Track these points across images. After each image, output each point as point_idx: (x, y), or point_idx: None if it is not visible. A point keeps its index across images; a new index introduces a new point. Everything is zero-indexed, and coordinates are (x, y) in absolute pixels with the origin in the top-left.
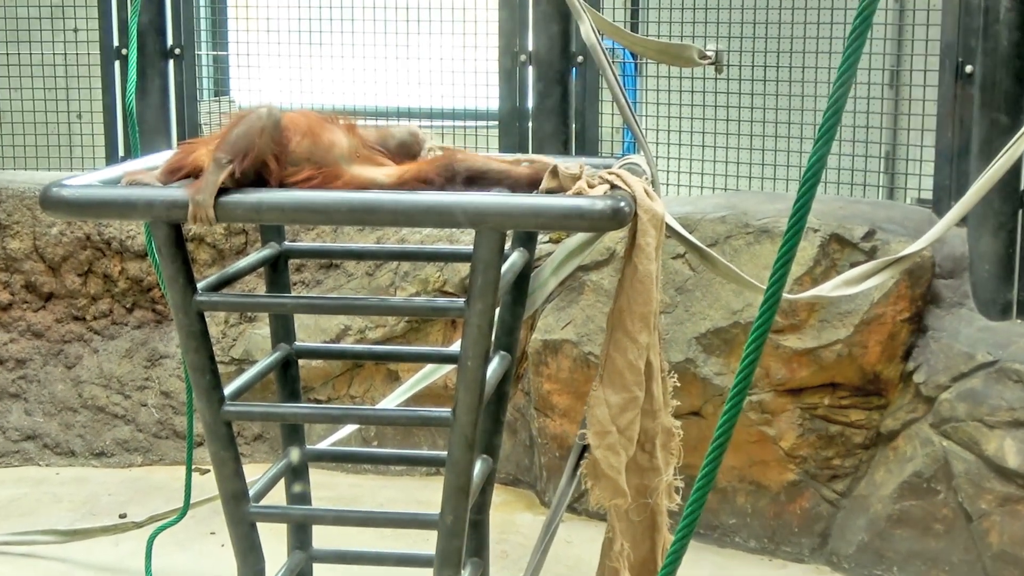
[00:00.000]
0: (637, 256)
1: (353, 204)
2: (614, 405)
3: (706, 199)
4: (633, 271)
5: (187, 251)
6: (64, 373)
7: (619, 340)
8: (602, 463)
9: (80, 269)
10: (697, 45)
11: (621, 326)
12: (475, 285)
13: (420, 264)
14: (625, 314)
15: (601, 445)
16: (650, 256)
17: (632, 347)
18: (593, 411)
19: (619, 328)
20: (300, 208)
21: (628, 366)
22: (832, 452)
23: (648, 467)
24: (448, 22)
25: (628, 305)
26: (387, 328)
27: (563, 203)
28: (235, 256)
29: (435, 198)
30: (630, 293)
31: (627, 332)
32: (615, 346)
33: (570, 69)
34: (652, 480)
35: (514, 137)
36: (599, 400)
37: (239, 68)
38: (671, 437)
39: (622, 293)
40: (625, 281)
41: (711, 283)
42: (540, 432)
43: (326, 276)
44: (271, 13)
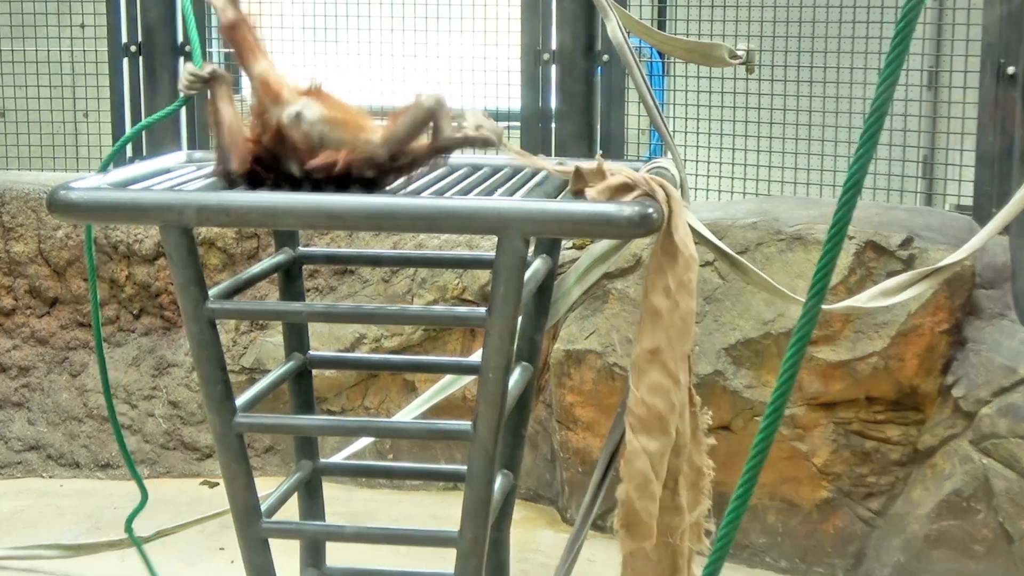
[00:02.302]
0: (679, 293)
1: (371, 209)
2: (654, 453)
3: (736, 204)
4: (673, 306)
5: (199, 257)
6: (69, 381)
7: (658, 384)
8: (642, 514)
9: (86, 274)
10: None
11: (661, 368)
12: (496, 293)
13: (438, 270)
14: (666, 354)
15: (643, 496)
16: (692, 292)
17: (674, 389)
18: (633, 465)
19: (657, 370)
20: (317, 213)
21: (670, 409)
22: (867, 469)
23: (670, 505)
24: (468, 19)
25: (669, 344)
26: (404, 337)
27: (589, 209)
28: (247, 261)
29: (456, 203)
30: (671, 332)
31: (669, 373)
32: (653, 391)
33: (595, 68)
34: (673, 519)
35: (536, 138)
36: (637, 452)
37: None
38: (701, 476)
39: (658, 330)
40: (664, 319)
41: (741, 292)
42: (562, 446)
43: (340, 282)
44: (284, 9)
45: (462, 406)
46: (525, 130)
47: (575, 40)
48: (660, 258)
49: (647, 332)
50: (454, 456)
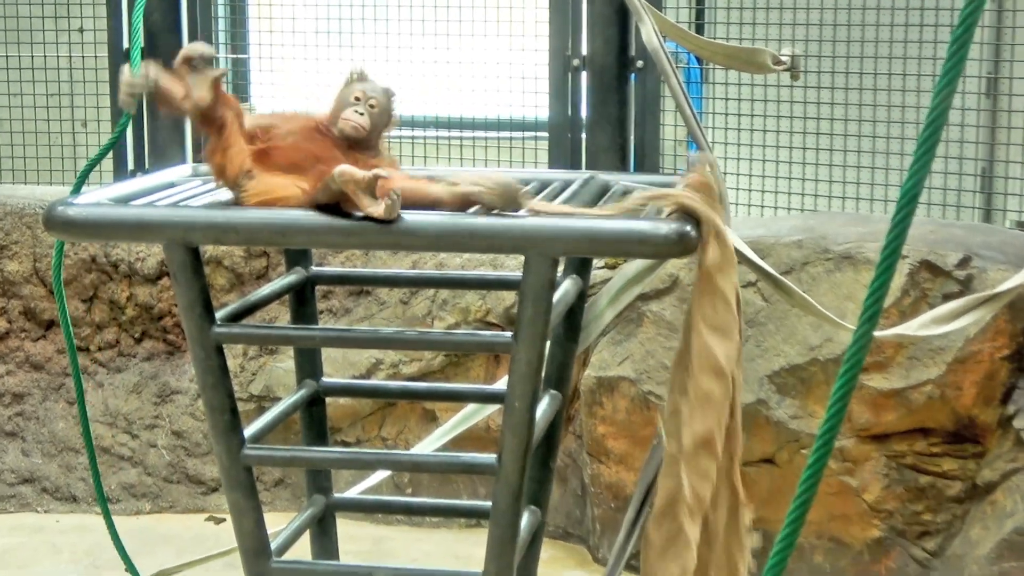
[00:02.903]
0: (736, 366)
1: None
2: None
3: (780, 221)
4: (725, 391)
5: (205, 277)
6: (66, 409)
7: (706, 469)
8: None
9: (84, 294)
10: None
11: (709, 453)
12: (523, 316)
13: (460, 291)
14: (716, 440)
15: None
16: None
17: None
18: (682, 556)
19: (706, 456)
20: (330, 231)
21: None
22: (922, 506)
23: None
24: (492, 22)
25: (720, 428)
26: (423, 363)
27: (621, 227)
28: (255, 281)
29: (479, 220)
30: (722, 416)
31: (715, 457)
32: (703, 477)
33: (628, 75)
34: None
35: (565, 150)
36: (688, 543)
37: (260, 72)
38: (737, 516)
39: (709, 415)
40: (716, 402)
41: (786, 315)
42: (593, 480)
43: (356, 304)
44: (296, 12)
45: (486, 437)
46: (553, 142)
47: (607, 45)
48: (707, 315)
49: (698, 418)
50: (477, 491)
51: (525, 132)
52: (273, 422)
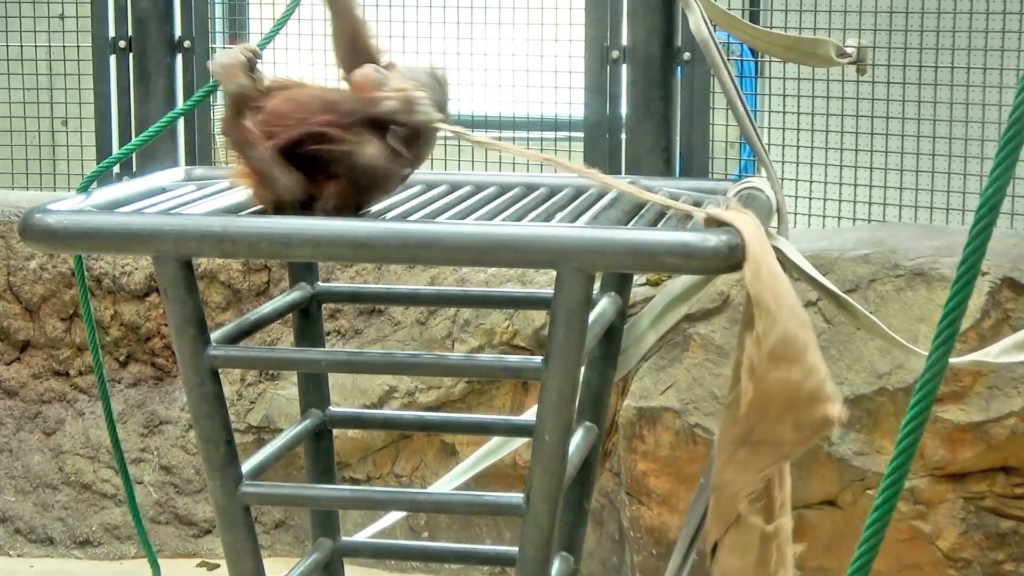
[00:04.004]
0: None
1: (405, 237)
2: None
3: (845, 232)
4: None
5: (199, 294)
6: (42, 441)
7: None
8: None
9: (64, 312)
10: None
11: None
12: (555, 339)
13: (484, 311)
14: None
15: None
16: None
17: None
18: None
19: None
20: (339, 242)
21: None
22: (1003, 554)
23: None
24: (521, 9)
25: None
26: (442, 390)
27: (666, 239)
28: (255, 298)
29: (506, 230)
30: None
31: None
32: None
33: (674, 69)
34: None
35: (602, 152)
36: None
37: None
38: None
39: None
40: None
41: (850, 339)
42: (632, 523)
43: (367, 324)
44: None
45: (512, 474)
46: (589, 143)
47: (650, 35)
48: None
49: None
50: (502, 535)
51: (558, 132)
52: (274, 456)
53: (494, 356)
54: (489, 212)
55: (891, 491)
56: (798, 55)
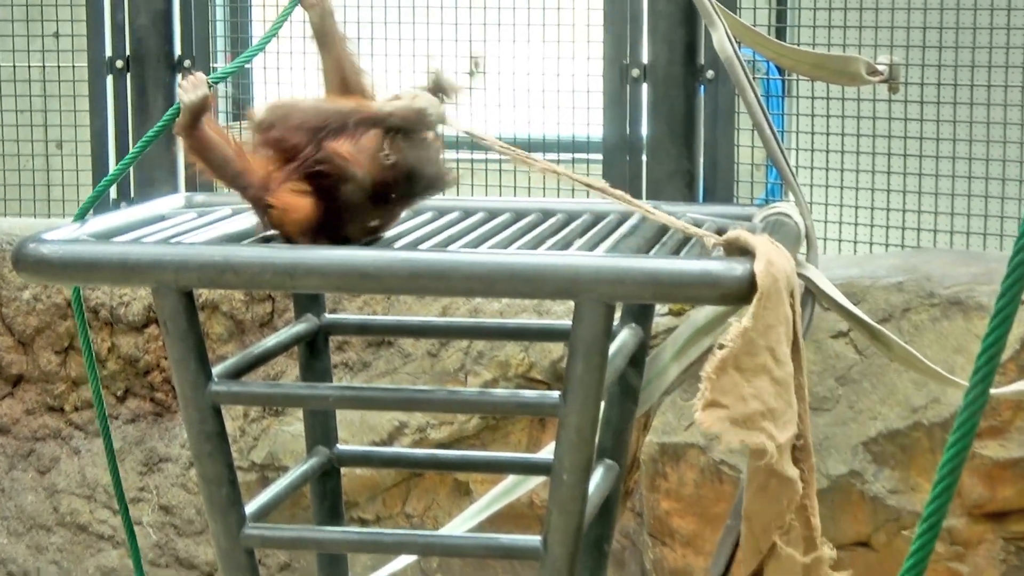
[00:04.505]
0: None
1: (415, 267)
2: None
3: (877, 259)
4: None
5: (200, 326)
6: (36, 480)
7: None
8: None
9: (58, 345)
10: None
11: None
12: (573, 373)
13: (498, 342)
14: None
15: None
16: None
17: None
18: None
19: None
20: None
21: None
22: None
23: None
24: (536, 26)
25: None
26: (455, 426)
27: (690, 268)
28: (258, 330)
29: (521, 259)
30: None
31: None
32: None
33: (697, 88)
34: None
35: (622, 175)
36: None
37: (266, 85)
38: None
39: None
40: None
41: (884, 371)
42: (656, 566)
43: (376, 357)
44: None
45: (529, 515)
46: (608, 166)
47: (672, 52)
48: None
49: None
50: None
51: (575, 153)
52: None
53: (509, 392)
54: (503, 240)
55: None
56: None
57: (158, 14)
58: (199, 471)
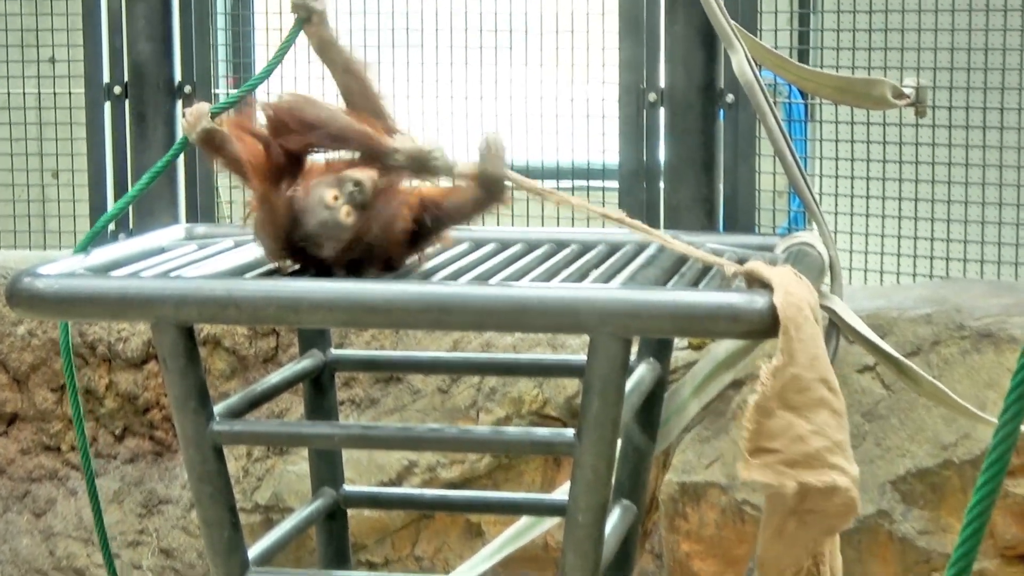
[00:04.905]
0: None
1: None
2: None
3: (905, 290)
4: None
5: (201, 362)
6: (31, 522)
7: None
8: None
9: (54, 382)
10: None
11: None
12: (589, 410)
13: (511, 378)
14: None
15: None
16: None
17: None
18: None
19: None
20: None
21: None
22: None
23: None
24: (549, 49)
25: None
26: (466, 465)
27: (709, 300)
28: (262, 366)
29: (534, 292)
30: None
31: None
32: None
33: (716, 113)
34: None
35: (638, 204)
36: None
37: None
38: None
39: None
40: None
41: (912, 406)
42: None
43: (384, 393)
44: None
45: (544, 557)
46: (624, 194)
47: (690, 76)
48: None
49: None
50: None
51: (590, 181)
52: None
53: (522, 430)
54: (516, 272)
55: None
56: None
57: (158, 38)
58: (200, 513)
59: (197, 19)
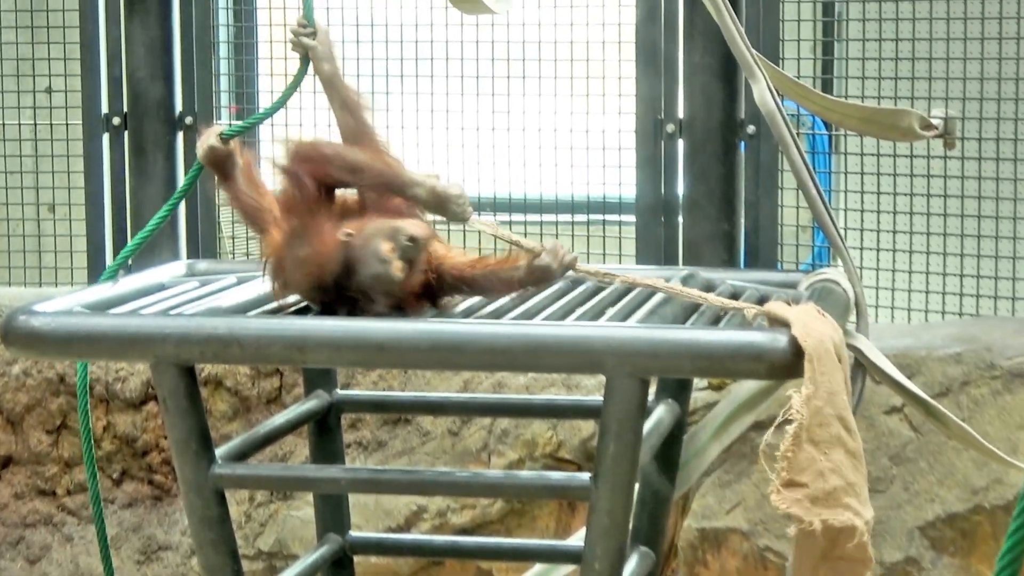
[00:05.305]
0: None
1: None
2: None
3: (933, 328)
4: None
5: (203, 403)
6: (25, 570)
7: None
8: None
9: (50, 424)
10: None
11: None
12: (605, 452)
13: (524, 420)
14: None
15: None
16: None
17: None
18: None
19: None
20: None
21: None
22: None
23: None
24: (563, 78)
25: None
26: (477, 510)
27: (730, 340)
28: (265, 407)
29: (548, 330)
30: None
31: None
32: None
33: (737, 144)
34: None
35: (656, 239)
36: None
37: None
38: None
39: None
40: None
41: (941, 449)
42: None
43: (392, 435)
44: None
45: None
46: (642, 228)
47: (709, 107)
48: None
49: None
50: None
51: (606, 215)
52: None
53: (536, 473)
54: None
55: None
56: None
57: (158, 67)
58: (201, 560)
59: (199, 48)
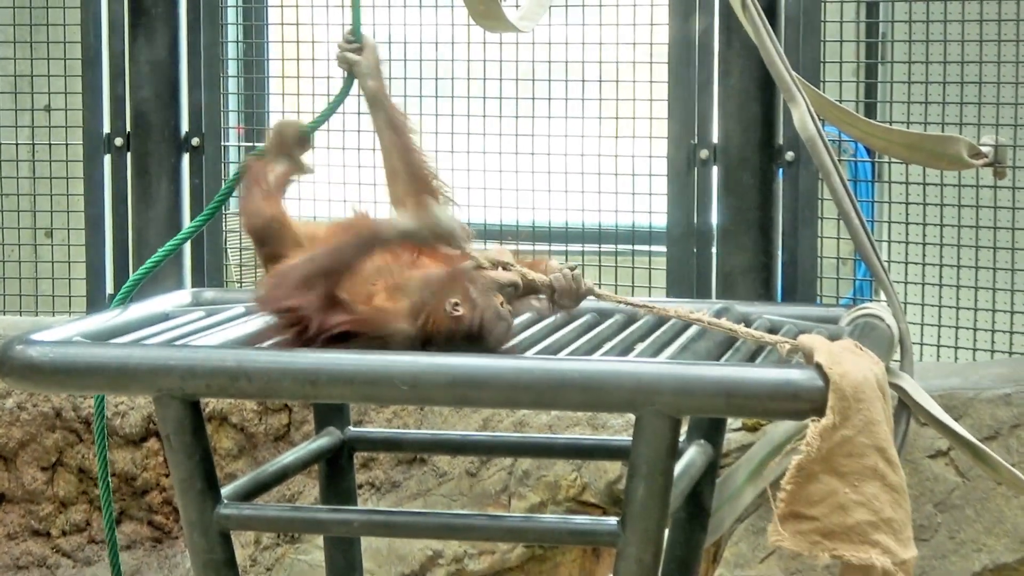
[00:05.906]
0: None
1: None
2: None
3: (982, 367)
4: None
5: (208, 440)
6: None
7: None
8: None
9: (45, 460)
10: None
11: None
12: (634, 496)
13: (547, 460)
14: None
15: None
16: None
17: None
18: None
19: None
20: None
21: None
22: None
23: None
24: (592, 101)
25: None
26: (496, 555)
27: (767, 377)
28: (273, 444)
29: (574, 366)
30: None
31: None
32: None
33: (774, 171)
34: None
35: (688, 271)
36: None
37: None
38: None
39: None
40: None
41: (990, 495)
42: None
43: (407, 475)
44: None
45: None
46: (673, 259)
47: (746, 132)
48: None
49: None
50: None
51: (636, 245)
52: None
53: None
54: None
55: None
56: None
57: (163, 85)
58: None
59: (207, 64)
